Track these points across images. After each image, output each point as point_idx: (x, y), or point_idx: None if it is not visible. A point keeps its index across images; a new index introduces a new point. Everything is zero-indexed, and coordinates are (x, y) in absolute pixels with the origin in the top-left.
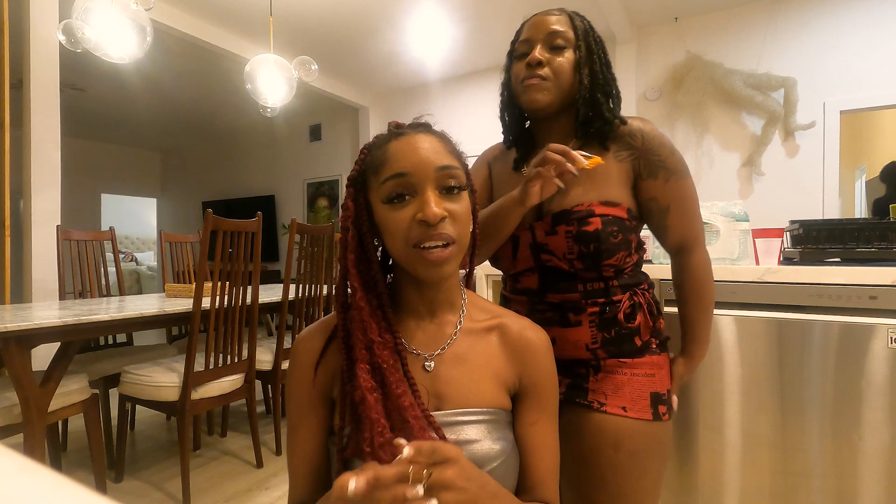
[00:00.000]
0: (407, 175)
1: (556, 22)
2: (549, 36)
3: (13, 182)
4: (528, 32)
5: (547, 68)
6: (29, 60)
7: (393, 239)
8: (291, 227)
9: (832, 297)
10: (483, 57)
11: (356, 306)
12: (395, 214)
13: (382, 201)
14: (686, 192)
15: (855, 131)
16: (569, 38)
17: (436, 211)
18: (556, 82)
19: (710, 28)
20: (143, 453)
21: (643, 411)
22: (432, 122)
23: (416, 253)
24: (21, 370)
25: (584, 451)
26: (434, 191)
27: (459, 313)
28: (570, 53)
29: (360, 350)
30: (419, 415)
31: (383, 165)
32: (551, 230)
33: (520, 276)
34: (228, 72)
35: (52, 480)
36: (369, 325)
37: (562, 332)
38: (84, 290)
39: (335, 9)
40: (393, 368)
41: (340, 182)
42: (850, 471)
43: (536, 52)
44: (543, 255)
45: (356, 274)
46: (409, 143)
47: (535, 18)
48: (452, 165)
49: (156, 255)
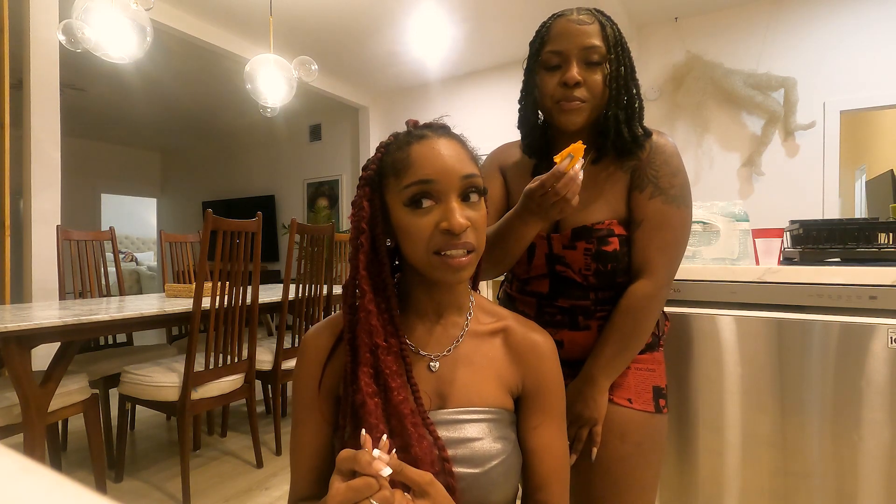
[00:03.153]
0: (432, 182)
1: (591, 34)
2: (583, 52)
3: (13, 182)
4: (561, 43)
5: (584, 88)
6: (29, 60)
7: (413, 244)
8: (291, 227)
9: (832, 297)
10: (483, 57)
11: (364, 309)
12: (417, 220)
13: (404, 205)
14: (665, 217)
15: (855, 131)
16: (602, 53)
17: (462, 221)
18: (591, 102)
19: (710, 28)
20: (143, 453)
21: (647, 403)
22: (448, 122)
23: (437, 259)
24: (21, 370)
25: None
26: (457, 199)
27: (466, 315)
28: (605, 67)
29: (365, 353)
30: (419, 422)
31: (406, 169)
32: (570, 244)
33: (531, 280)
34: (228, 72)
35: (52, 480)
36: (376, 330)
37: (571, 335)
38: (84, 291)
39: (335, 9)
40: (396, 374)
41: (340, 182)
42: (850, 471)
43: (574, 71)
44: (558, 267)
45: (367, 276)
46: (433, 149)
47: (566, 24)
48: (475, 174)
49: (156, 255)
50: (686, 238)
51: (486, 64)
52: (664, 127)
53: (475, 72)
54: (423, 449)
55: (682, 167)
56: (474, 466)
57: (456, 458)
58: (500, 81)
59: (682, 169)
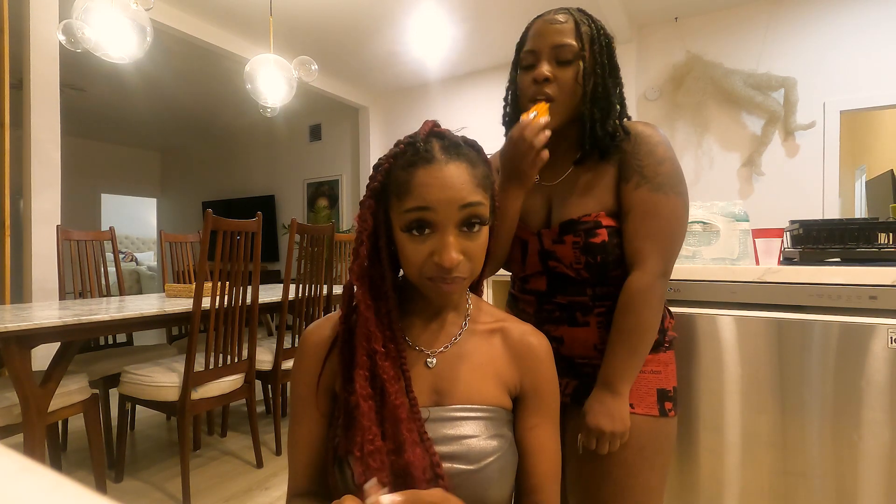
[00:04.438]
0: (430, 209)
1: (563, 32)
2: (554, 49)
3: (13, 182)
4: (533, 42)
5: (554, 85)
6: (29, 60)
7: (408, 265)
8: (291, 227)
9: (832, 297)
10: (483, 57)
11: (361, 315)
12: (413, 246)
13: (402, 229)
14: (652, 205)
15: (855, 131)
16: (575, 51)
17: (454, 257)
18: (561, 99)
19: (710, 28)
20: (143, 453)
21: (650, 407)
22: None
23: (428, 283)
24: (21, 370)
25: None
26: (454, 230)
27: (464, 315)
28: (578, 64)
29: (362, 356)
30: (413, 428)
31: (407, 194)
32: (559, 239)
33: (529, 278)
34: (228, 72)
35: (52, 480)
36: (374, 336)
37: (570, 332)
38: (84, 290)
39: (335, 9)
40: (393, 379)
41: (340, 182)
42: (850, 471)
43: (543, 68)
44: (551, 262)
45: (362, 285)
46: (436, 177)
47: (539, 25)
48: (477, 202)
49: (156, 255)
50: (679, 227)
51: (486, 64)
52: (664, 127)
53: (475, 72)
54: (416, 455)
55: (669, 155)
56: (469, 463)
57: (451, 454)
58: (501, 81)
59: (669, 157)
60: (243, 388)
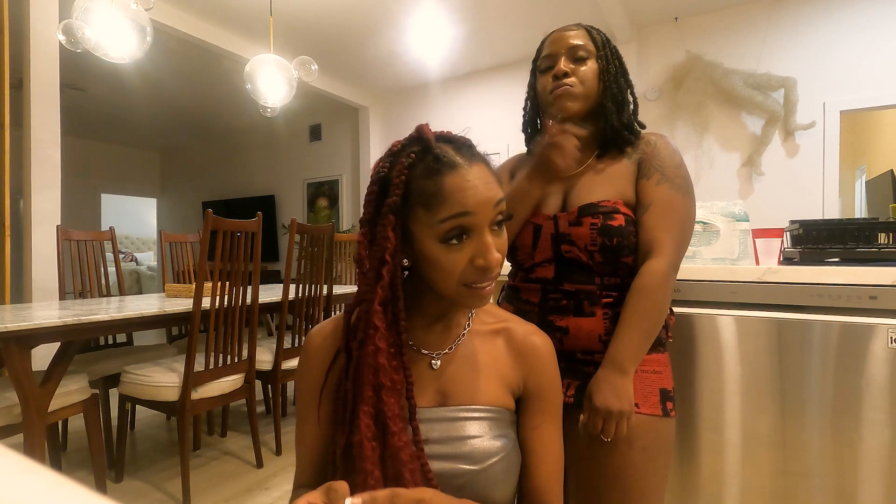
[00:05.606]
0: (470, 214)
1: (576, 36)
2: (570, 49)
3: (13, 182)
4: (550, 48)
5: (573, 78)
6: (29, 60)
7: (444, 277)
8: (291, 227)
9: (832, 297)
10: (483, 57)
11: (374, 345)
12: (450, 255)
13: (438, 240)
14: (672, 202)
15: (855, 131)
16: (590, 50)
17: (497, 256)
18: (582, 89)
19: (710, 28)
20: (143, 453)
21: (654, 407)
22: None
23: (465, 290)
24: (21, 370)
25: (595, 447)
26: (489, 230)
27: (468, 316)
28: (593, 63)
29: (368, 391)
30: (416, 469)
31: (441, 203)
32: (576, 221)
33: (536, 266)
34: (228, 72)
35: (52, 480)
36: (383, 370)
37: (576, 322)
38: (84, 291)
39: (335, 9)
40: (398, 417)
41: (340, 182)
42: (850, 471)
43: (561, 63)
44: (564, 246)
45: (381, 311)
46: (468, 181)
47: (554, 35)
48: (503, 197)
49: (156, 255)
50: (690, 228)
51: (486, 64)
52: (664, 127)
53: (475, 72)
54: None
55: (684, 164)
56: (473, 464)
57: (455, 455)
58: (501, 81)
59: (685, 166)
60: (243, 388)
